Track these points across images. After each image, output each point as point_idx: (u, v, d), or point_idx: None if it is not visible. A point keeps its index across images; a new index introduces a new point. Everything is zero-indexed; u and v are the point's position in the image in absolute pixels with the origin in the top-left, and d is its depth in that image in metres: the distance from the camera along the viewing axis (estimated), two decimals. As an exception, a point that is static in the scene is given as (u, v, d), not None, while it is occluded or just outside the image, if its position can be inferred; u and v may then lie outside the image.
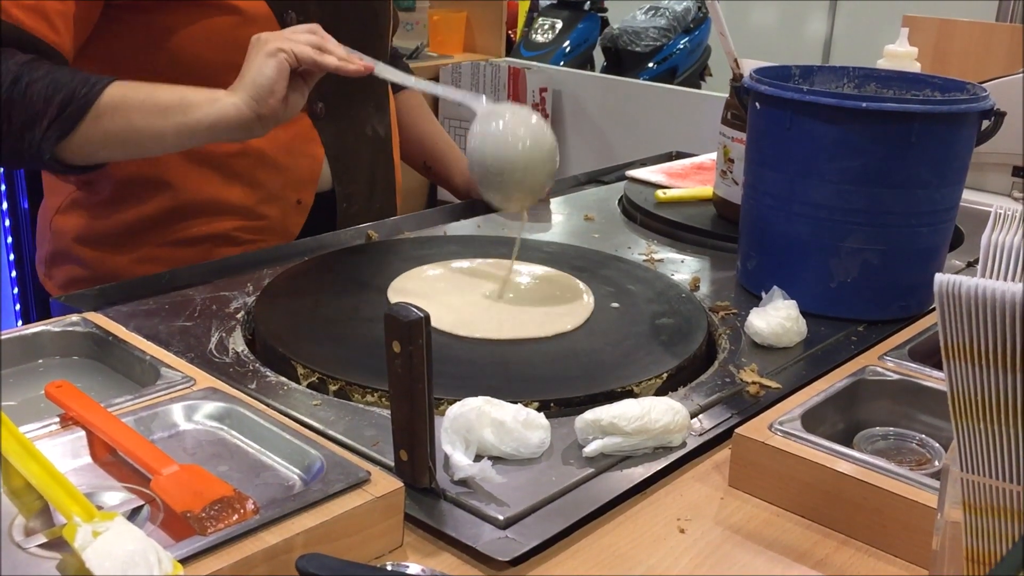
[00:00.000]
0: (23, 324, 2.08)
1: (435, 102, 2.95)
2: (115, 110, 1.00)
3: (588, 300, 1.01)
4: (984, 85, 1.07)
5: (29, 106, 0.98)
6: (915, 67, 1.39)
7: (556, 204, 1.43)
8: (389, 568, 0.61)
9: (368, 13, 1.27)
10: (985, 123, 1.01)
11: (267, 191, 1.21)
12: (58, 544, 0.58)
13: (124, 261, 1.19)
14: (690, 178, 1.53)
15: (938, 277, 0.48)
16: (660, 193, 1.40)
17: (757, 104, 1.04)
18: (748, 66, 1.11)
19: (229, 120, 0.99)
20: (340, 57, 1.02)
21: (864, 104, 0.95)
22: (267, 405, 0.77)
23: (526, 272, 1.09)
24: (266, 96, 0.98)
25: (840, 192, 0.98)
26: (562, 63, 3.76)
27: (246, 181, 1.20)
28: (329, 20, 1.18)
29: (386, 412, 0.76)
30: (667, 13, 4.23)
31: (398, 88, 1.47)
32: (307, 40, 1.01)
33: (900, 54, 1.39)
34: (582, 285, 1.05)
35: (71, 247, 1.22)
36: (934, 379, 0.83)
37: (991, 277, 0.52)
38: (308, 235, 1.23)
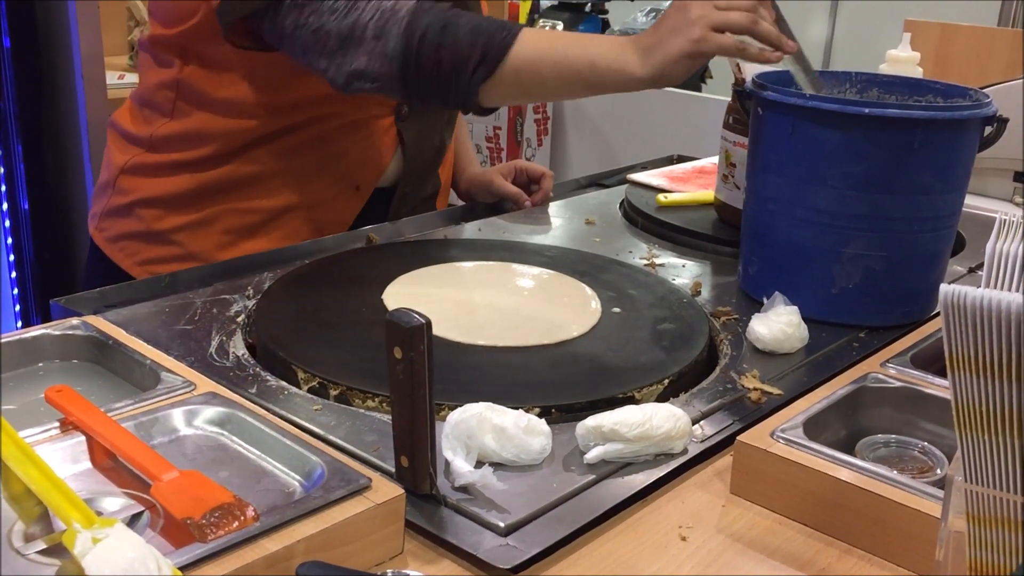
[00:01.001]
0: (23, 325, 2.08)
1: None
2: (526, 61, 1.03)
3: (595, 306, 1.01)
4: (986, 90, 1.07)
5: (457, 51, 1.02)
6: (917, 72, 1.39)
7: (557, 208, 1.43)
8: (390, 575, 0.61)
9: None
10: (988, 129, 1.00)
11: (334, 175, 1.23)
12: (58, 550, 0.58)
13: (179, 222, 1.22)
14: (691, 182, 1.53)
15: (943, 288, 0.48)
16: (661, 197, 1.40)
17: (759, 109, 1.03)
18: (750, 70, 1.11)
19: (628, 88, 1.02)
20: (773, 41, 1.00)
21: (867, 110, 0.94)
22: (267, 410, 0.76)
23: (533, 275, 1.09)
24: (670, 80, 1.00)
25: (842, 198, 0.98)
26: (563, 65, 3.76)
27: (316, 164, 1.22)
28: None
29: (387, 417, 0.76)
30: (668, 15, 4.22)
31: None
32: (741, 22, 0.98)
33: (902, 59, 1.39)
34: (589, 290, 1.05)
35: (133, 204, 1.24)
36: (936, 386, 0.83)
37: (996, 287, 0.52)
38: (361, 224, 1.27)
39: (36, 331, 0.87)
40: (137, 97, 1.27)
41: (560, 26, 4.06)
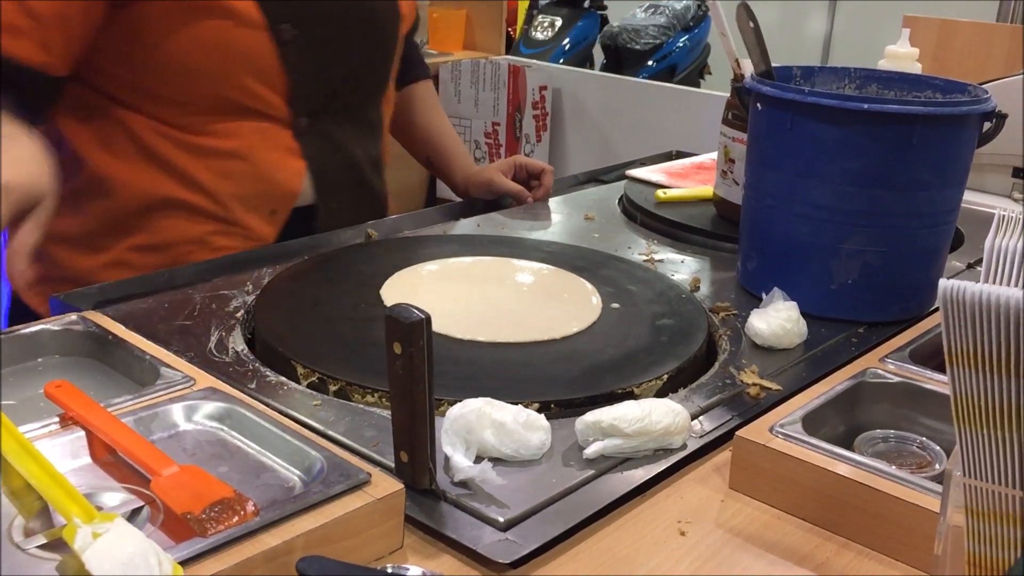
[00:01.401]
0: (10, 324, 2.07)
1: (435, 99, 2.94)
2: None
3: (596, 302, 1.01)
4: (984, 86, 1.07)
5: None
6: (916, 68, 1.39)
7: (556, 203, 1.43)
8: (389, 570, 0.61)
9: (372, 16, 1.24)
10: (986, 125, 1.00)
11: (241, 199, 1.18)
12: (58, 545, 0.58)
13: (95, 264, 1.17)
14: (690, 178, 1.53)
15: (942, 283, 0.48)
16: (660, 193, 1.40)
17: (758, 105, 1.04)
18: (749, 66, 1.11)
19: None
20: None
21: (866, 105, 0.94)
22: (267, 405, 0.77)
23: (533, 271, 1.09)
24: None
25: (841, 193, 0.98)
26: (561, 61, 3.77)
27: (218, 186, 1.16)
28: (329, 29, 1.17)
29: (386, 413, 0.76)
30: (667, 11, 4.23)
31: (407, 80, 1.47)
32: None
33: (901, 55, 1.39)
34: (589, 286, 1.05)
35: (44, 244, 1.15)
36: (935, 381, 0.83)
37: (995, 282, 0.52)
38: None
39: (35, 326, 0.87)
40: None
41: (559, 22, 4.06)
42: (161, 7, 1.07)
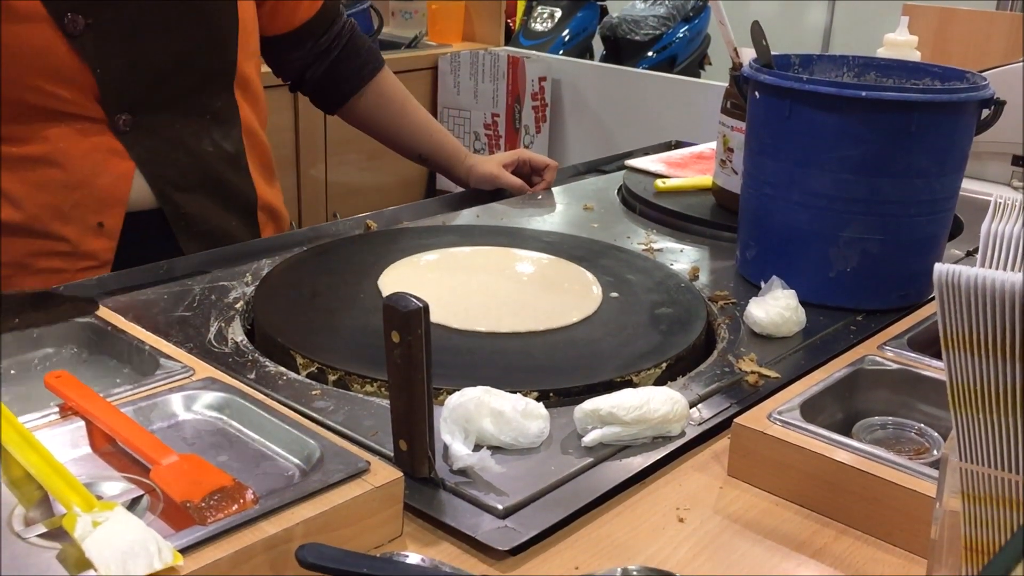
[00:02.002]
0: None
1: (433, 93, 2.94)
2: None
3: (597, 292, 1.01)
4: (984, 74, 1.07)
5: None
6: (915, 56, 1.38)
7: (555, 193, 1.43)
8: (389, 557, 0.61)
9: (196, 15, 1.11)
10: (985, 112, 1.00)
11: (59, 210, 1.07)
12: (58, 534, 0.58)
13: None
14: (689, 167, 1.53)
15: (938, 267, 0.48)
16: (659, 182, 1.40)
17: (756, 93, 1.03)
18: (748, 55, 1.11)
19: None
20: None
21: (864, 93, 0.94)
22: (266, 395, 0.77)
23: (533, 260, 1.09)
24: None
25: (839, 181, 0.98)
26: (561, 52, 3.75)
27: (32, 199, 1.06)
28: (130, 15, 1.06)
29: (385, 402, 0.76)
30: (666, 2, 4.22)
31: (365, 76, 1.37)
32: None
33: (900, 43, 1.39)
34: (589, 275, 1.05)
35: None
36: (933, 368, 0.83)
37: (991, 266, 0.52)
38: (140, 262, 1.05)
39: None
40: None
41: (558, 13, 4.05)
42: None
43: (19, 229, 1.07)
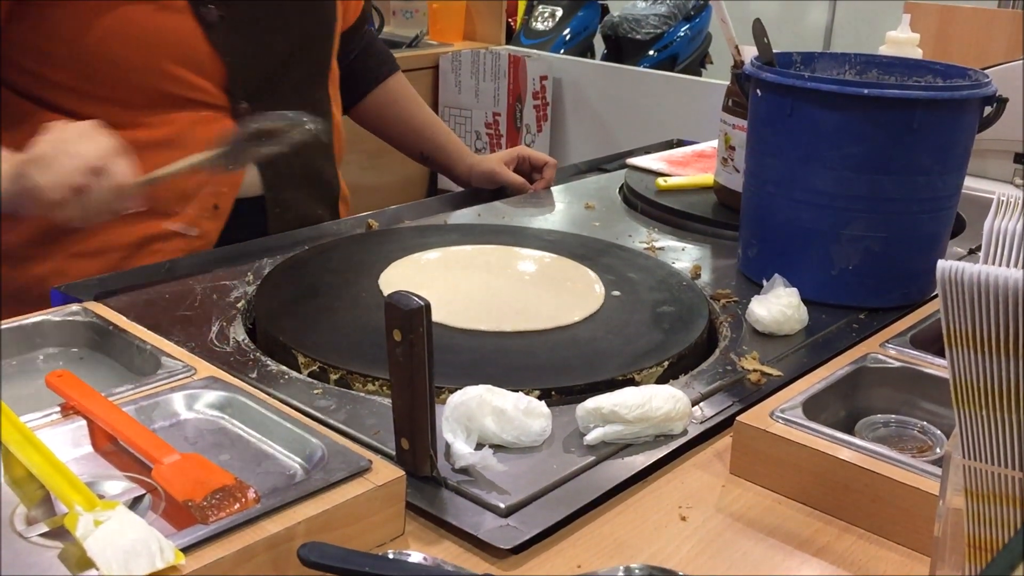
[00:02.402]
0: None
1: (434, 92, 2.95)
2: None
3: (599, 291, 1.00)
4: (986, 71, 1.07)
5: None
6: (917, 53, 1.38)
7: (557, 192, 1.43)
8: (391, 556, 0.61)
9: (309, 11, 1.19)
10: (987, 109, 1.00)
11: (181, 193, 1.13)
12: (60, 533, 0.59)
13: (31, 277, 1.12)
14: (691, 166, 1.53)
15: (941, 264, 0.48)
16: (661, 181, 1.40)
17: (758, 91, 1.03)
18: (749, 53, 1.11)
19: None
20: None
21: (865, 91, 0.94)
22: (268, 394, 0.77)
23: (535, 259, 1.09)
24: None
25: (841, 179, 0.98)
26: (562, 51, 3.75)
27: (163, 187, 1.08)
28: (257, 7, 1.13)
29: (387, 401, 0.76)
30: (667, 0, 4.22)
31: (380, 76, 1.43)
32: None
33: (902, 40, 1.39)
34: (592, 274, 1.04)
35: None
36: (936, 366, 0.83)
37: (994, 264, 0.52)
38: (232, 242, 1.14)
39: (37, 317, 0.87)
40: None
41: (559, 12, 4.05)
42: None
43: (142, 211, 1.11)
